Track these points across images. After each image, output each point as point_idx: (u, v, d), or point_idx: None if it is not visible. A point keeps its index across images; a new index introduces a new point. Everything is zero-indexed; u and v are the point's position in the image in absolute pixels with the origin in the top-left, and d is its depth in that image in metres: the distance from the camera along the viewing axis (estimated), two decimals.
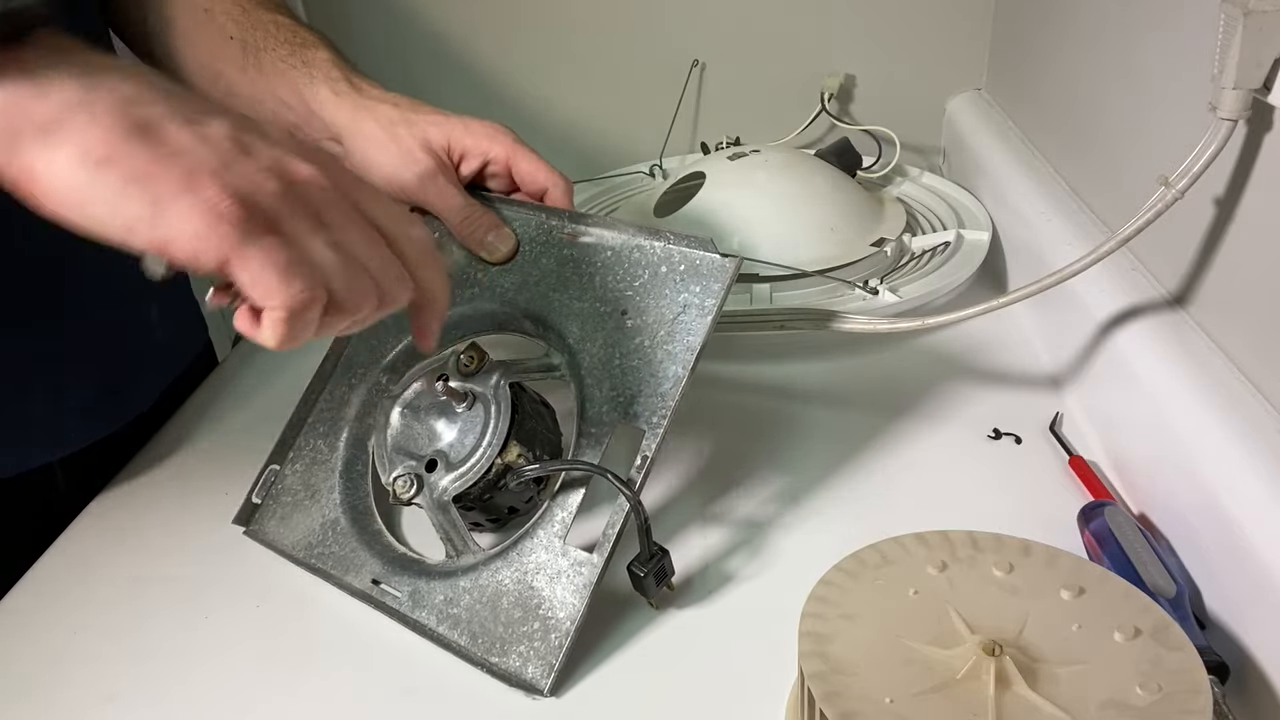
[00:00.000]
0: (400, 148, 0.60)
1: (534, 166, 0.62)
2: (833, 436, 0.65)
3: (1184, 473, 0.51)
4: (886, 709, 0.37)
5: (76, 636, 0.55)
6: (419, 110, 0.62)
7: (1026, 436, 0.63)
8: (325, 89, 0.63)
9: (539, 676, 0.48)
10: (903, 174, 0.96)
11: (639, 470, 0.50)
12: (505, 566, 0.52)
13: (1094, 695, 0.37)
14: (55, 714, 0.50)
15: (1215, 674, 0.43)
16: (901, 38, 1.05)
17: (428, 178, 0.60)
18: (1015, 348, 0.74)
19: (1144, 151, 0.65)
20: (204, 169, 0.35)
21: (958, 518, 0.50)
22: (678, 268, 0.55)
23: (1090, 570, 0.43)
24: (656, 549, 0.50)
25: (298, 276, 0.36)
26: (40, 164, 0.34)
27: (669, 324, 0.53)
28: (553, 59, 1.09)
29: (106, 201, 0.34)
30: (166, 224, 0.34)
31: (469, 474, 0.54)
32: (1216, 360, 0.54)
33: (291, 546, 0.58)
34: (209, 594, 0.57)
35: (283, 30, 0.66)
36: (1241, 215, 0.53)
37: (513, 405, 0.55)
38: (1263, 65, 0.48)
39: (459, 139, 0.61)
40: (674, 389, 0.51)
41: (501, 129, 0.62)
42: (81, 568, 0.60)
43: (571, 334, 0.57)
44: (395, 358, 0.63)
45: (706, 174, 0.84)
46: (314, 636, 0.53)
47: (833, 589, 0.43)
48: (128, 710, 0.50)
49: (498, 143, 0.61)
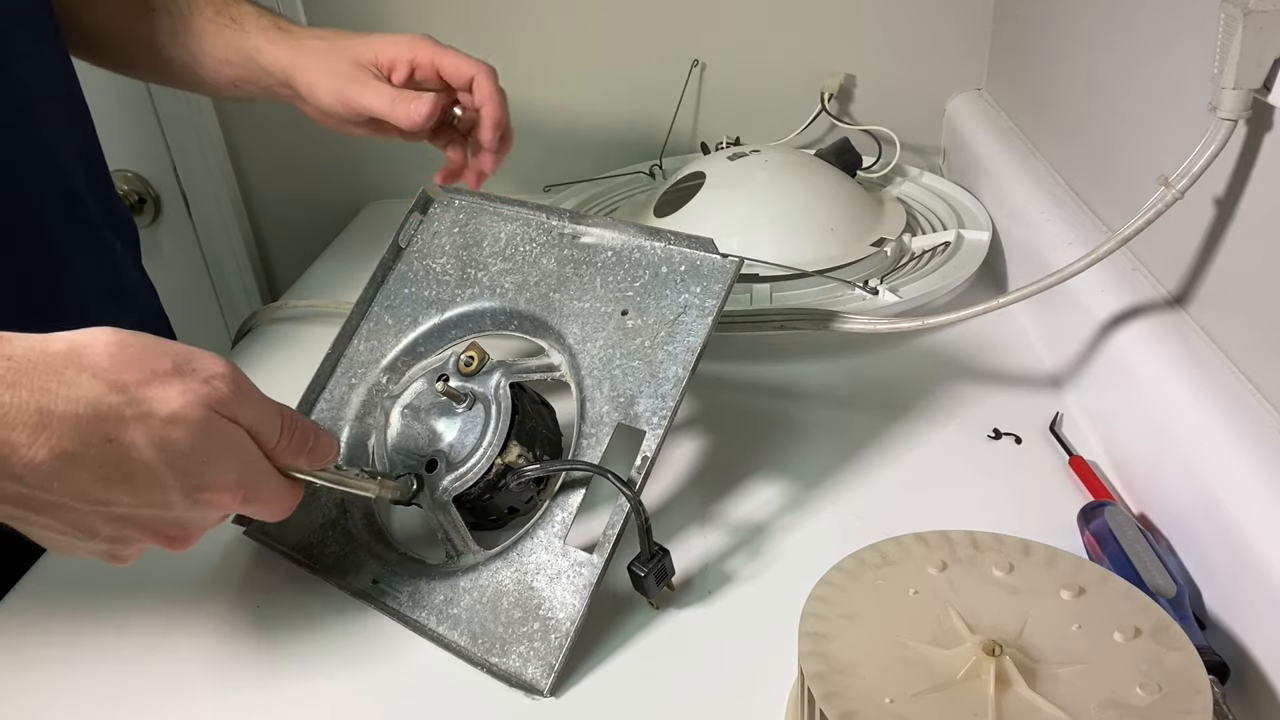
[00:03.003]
0: (335, 70, 0.67)
1: (457, 60, 0.69)
2: (833, 436, 0.65)
3: (1184, 473, 0.51)
4: (886, 709, 0.37)
5: (76, 637, 0.54)
6: (344, 36, 0.69)
7: (1026, 436, 0.63)
8: (260, 39, 0.69)
9: (539, 677, 0.48)
10: (903, 174, 0.96)
11: (639, 470, 0.50)
12: (505, 567, 0.52)
13: (1094, 695, 0.37)
14: (55, 714, 0.50)
15: (1215, 674, 0.43)
16: (901, 38, 1.05)
17: (360, 83, 0.67)
18: (1015, 348, 0.74)
19: (1144, 151, 0.65)
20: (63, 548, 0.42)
21: (958, 518, 0.50)
22: (678, 268, 0.55)
23: (1090, 570, 0.43)
24: (657, 549, 0.50)
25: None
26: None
27: (669, 324, 0.53)
28: (553, 59, 1.09)
29: None
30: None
31: (469, 474, 0.54)
32: (1216, 360, 0.54)
33: (291, 547, 0.58)
34: (209, 594, 0.57)
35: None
36: (1241, 215, 0.53)
37: (513, 405, 0.55)
38: (1263, 65, 0.48)
39: (384, 50, 0.68)
40: (674, 389, 0.51)
41: (421, 36, 0.69)
42: (81, 568, 0.60)
43: (572, 334, 0.57)
44: (395, 358, 0.63)
45: (706, 174, 0.84)
46: (314, 637, 0.53)
47: (833, 589, 0.43)
48: (128, 710, 0.50)
49: (420, 48, 0.68)
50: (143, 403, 0.39)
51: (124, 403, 0.38)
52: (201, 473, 0.41)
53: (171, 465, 0.39)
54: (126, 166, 1.12)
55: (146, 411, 0.39)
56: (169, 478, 0.40)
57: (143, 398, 0.39)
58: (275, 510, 0.45)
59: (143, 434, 0.38)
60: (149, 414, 0.39)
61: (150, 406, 0.39)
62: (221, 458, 0.42)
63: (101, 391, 0.38)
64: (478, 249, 0.63)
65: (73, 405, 0.37)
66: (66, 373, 0.37)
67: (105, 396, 0.38)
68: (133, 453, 0.38)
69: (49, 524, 0.39)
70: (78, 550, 0.42)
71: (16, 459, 0.36)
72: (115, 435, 0.38)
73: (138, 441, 0.38)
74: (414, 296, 0.64)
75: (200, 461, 0.41)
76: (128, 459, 0.38)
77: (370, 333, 0.64)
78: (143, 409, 0.39)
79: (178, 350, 0.41)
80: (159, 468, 0.39)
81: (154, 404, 0.39)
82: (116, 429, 0.38)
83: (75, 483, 0.38)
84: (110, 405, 0.38)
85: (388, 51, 0.68)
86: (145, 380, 0.39)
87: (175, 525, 0.42)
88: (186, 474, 0.40)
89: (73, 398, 0.37)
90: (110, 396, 0.38)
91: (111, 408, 0.38)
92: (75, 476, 0.37)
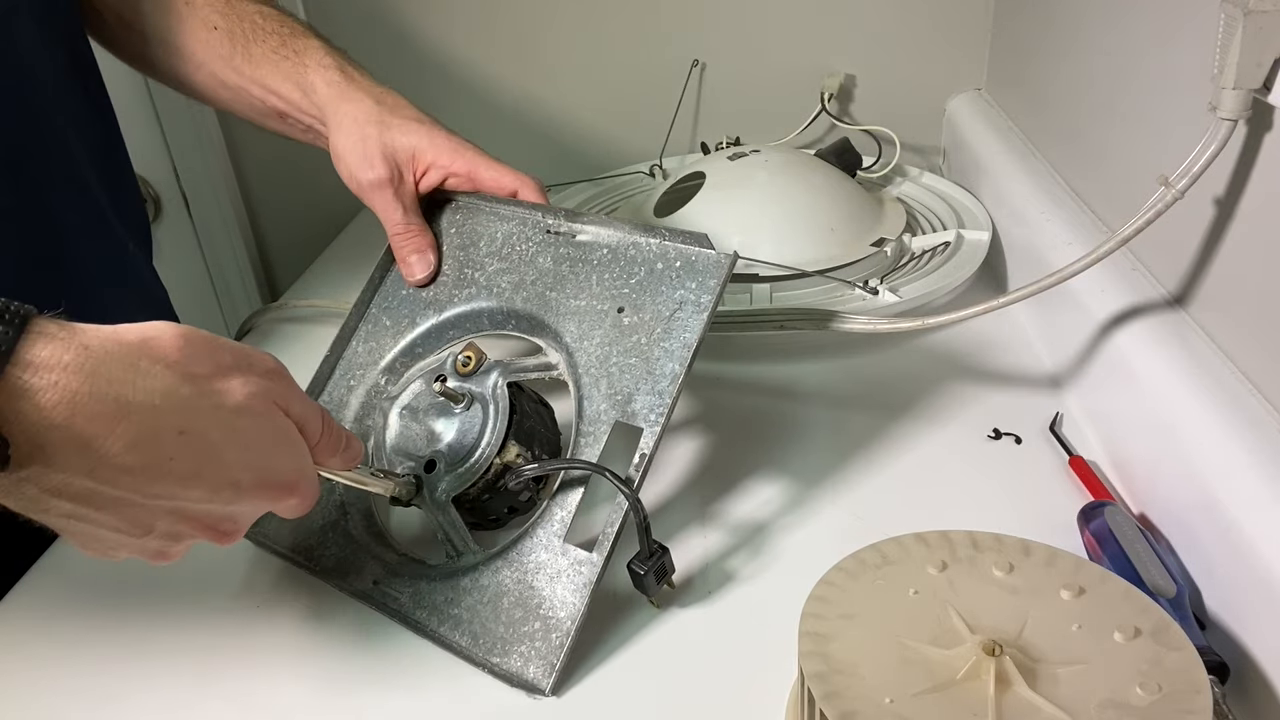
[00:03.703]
0: (364, 149, 0.63)
1: (497, 173, 0.64)
2: (832, 436, 0.65)
3: (1184, 473, 0.51)
4: (886, 709, 0.37)
5: (77, 636, 0.54)
6: (397, 111, 0.64)
7: (1026, 436, 0.63)
8: (318, 78, 0.65)
9: (540, 676, 0.48)
10: (903, 174, 0.96)
11: (638, 468, 0.50)
12: (505, 566, 0.52)
13: (1094, 695, 0.37)
14: (55, 714, 0.50)
15: (1215, 674, 0.43)
16: (901, 38, 1.05)
17: (378, 187, 0.63)
18: (1015, 348, 0.74)
19: (1144, 151, 0.65)
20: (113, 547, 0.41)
21: (958, 518, 0.50)
22: (674, 264, 0.55)
23: (1090, 570, 0.43)
24: (656, 547, 0.50)
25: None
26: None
27: (666, 321, 0.53)
28: (553, 59, 1.09)
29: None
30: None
31: (468, 474, 0.54)
32: (1216, 360, 0.54)
33: (291, 549, 0.58)
34: (209, 594, 0.57)
35: (269, 21, 0.68)
36: (1241, 215, 0.53)
37: (511, 405, 0.55)
38: (1263, 65, 0.48)
39: (423, 152, 0.64)
40: (671, 386, 0.51)
41: (464, 144, 0.64)
42: (81, 568, 0.60)
43: (569, 332, 0.56)
44: (393, 359, 0.63)
45: (706, 174, 0.84)
46: (314, 637, 0.53)
47: (833, 589, 0.43)
48: (128, 710, 0.50)
49: (460, 158, 0.64)
50: (213, 395, 0.39)
51: (196, 395, 0.38)
52: (266, 465, 0.41)
53: (240, 457, 0.40)
54: None
55: (217, 404, 0.39)
56: (237, 469, 0.40)
57: (212, 390, 0.39)
58: (308, 505, 0.45)
59: (214, 426, 0.39)
60: (220, 406, 0.39)
61: (220, 399, 0.39)
62: (282, 449, 0.42)
63: (175, 383, 0.37)
64: (474, 249, 0.63)
65: (149, 396, 0.36)
66: (141, 363, 0.37)
67: (179, 388, 0.38)
68: (204, 444, 0.38)
69: (107, 521, 0.38)
70: (123, 550, 0.41)
71: (93, 451, 0.35)
72: (188, 427, 0.38)
73: (209, 433, 0.38)
74: (411, 297, 0.64)
75: (265, 454, 0.41)
76: (199, 451, 0.38)
77: (368, 334, 0.64)
78: (213, 401, 0.39)
79: (233, 345, 0.41)
80: (228, 459, 0.39)
81: (223, 396, 0.39)
82: (190, 420, 0.38)
83: (146, 476, 0.37)
84: (183, 397, 0.38)
85: (427, 155, 0.64)
86: (213, 373, 0.39)
87: (229, 519, 0.42)
88: (251, 466, 0.40)
89: (149, 388, 0.37)
90: (183, 388, 0.38)
91: (184, 399, 0.38)
92: (147, 469, 0.37)
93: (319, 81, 0.65)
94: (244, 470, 0.40)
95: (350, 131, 0.63)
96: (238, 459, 0.40)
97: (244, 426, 0.40)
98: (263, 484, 0.41)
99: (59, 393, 0.34)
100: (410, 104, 0.65)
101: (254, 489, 0.41)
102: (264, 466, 0.41)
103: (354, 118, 0.63)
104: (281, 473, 0.42)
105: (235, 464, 0.40)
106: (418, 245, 0.64)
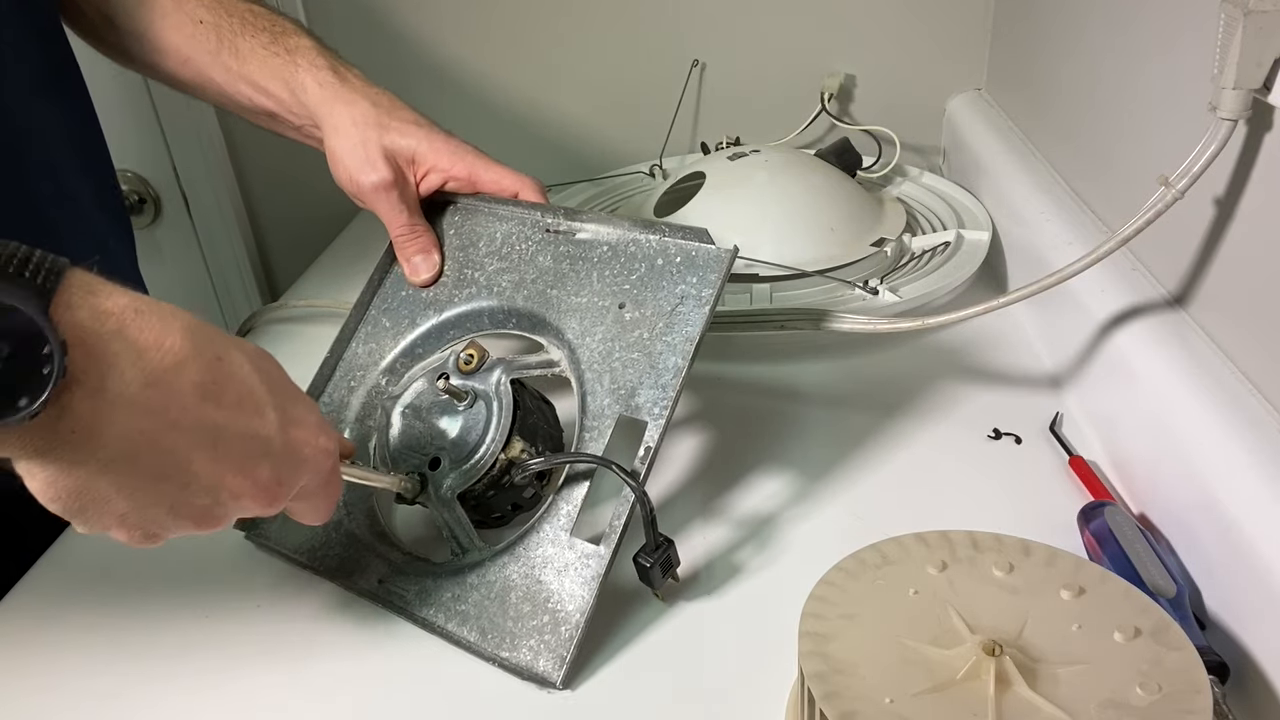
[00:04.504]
0: (365, 152, 0.62)
1: (497, 175, 0.64)
2: (833, 436, 0.65)
3: (1184, 473, 0.51)
4: (886, 709, 0.37)
5: (77, 636, 0.54)
6: (394, 113, 0.63)
7: (1026, 436, 0.63)
8: (309, 78, 0.64)
9: (551, 669, 0.48)
10: (903, 174, 0.96)
11: (643, 461, 0.50)
12: (512, 561, 0.52)
13: (1094, 695, 0.37)
14: (56, 713, 0.50)
15: (1215, 674, 0.43)
16: (901, 38, 1.05)
17: (381, 189, 0.63)
18: (1015, 348, 0.74)
19: (1144, 151, 0.65)
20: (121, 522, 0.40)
21: (958, 518, 0.50)
22: (674, 260, 0.55)
23: (1090, 570, 0.43)
24: (662, 539, 0.50)
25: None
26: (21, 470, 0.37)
27: (667, 315, 0.53)
28: (553, 59, 1.09)
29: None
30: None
31: (473, 470, 0.54)
32: (1216, 360, 0.54)
33: (294, 550, 0.58)
34: (209, 594, 0.57)
35: (260, 18, 0.67)
36: (1241, 215, 0.53)
37: (514, 401, 0.55)
38: (1263, 65, 0.48)
39: (423, 155, 0.63)
40: (674, 379, 0.51)
41: (463, 146, 0.64)
42: (82, 568, 0.60)
43: (571, 329, 0.57)
44: (394, 360, 0.63)
45: (706, 174, 0.84)
46: (317, 636, 0.53)
47: (833, 589, 0.43)
48: (128, 710, 0.50)
49: (460, 161, 0.63)
50: (237, 339, 0.42)
51: (222, 332, 0.41)
52: (294, 406, 0.43)
53: (269, 392, 0.42)
54: (126, 166, 1.12)
55: (242, 342, 0.42)
56: (266, 404, 0.41)
57: (236, 339, 0.42)
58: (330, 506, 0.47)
59: (244, 358, 0.41)
60: (244, 343, 0.42)
61: (243, 342, 0.42)
62: (304, 400, 0.45)
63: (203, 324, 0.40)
64: (474, 249, 0.63)
65: (191, 322, 0.39)
66: (177, 309, 0.39)
67: (207, 327, 0.40)
68: (238, 372, 0.40)
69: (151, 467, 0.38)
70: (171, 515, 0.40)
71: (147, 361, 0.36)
72: (224, 354, 0.40)
73: (242, 364, 0.41)
74: (411, 298, 0.64)
75: (291, 396, 0.44)
76: (234, 377, 0.40)
77: (368, 335, 0.64)
78: (239, 340, 0.42)
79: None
80: (259, 392, 0.41)
81: (245, 341, 0.43)
82: (224, 348, 0.40)
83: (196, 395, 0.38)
84: (215, 330, 0.40)
85: (426, 158, 0.63)
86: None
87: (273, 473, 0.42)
88: (280, 406, 0.42)
89: (189, 322, 0.39)
90: (210, 328, 0.40)
91: (216, 331, 0.40)
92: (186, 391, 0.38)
93: (310, 82, 0.64)
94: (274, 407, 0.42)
95: (349, 134, 0.63)
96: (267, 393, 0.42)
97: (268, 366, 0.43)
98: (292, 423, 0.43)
99: (115, 301, 0.36)
100: (406, 105, 0.65)
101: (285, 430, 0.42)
102: (291, 406, 0.43)
103: (352, 120, 0.63)
104: (307, 419, 0.44)
105: (265, 397, 0.42)
106: (422, 246, 0.64)
